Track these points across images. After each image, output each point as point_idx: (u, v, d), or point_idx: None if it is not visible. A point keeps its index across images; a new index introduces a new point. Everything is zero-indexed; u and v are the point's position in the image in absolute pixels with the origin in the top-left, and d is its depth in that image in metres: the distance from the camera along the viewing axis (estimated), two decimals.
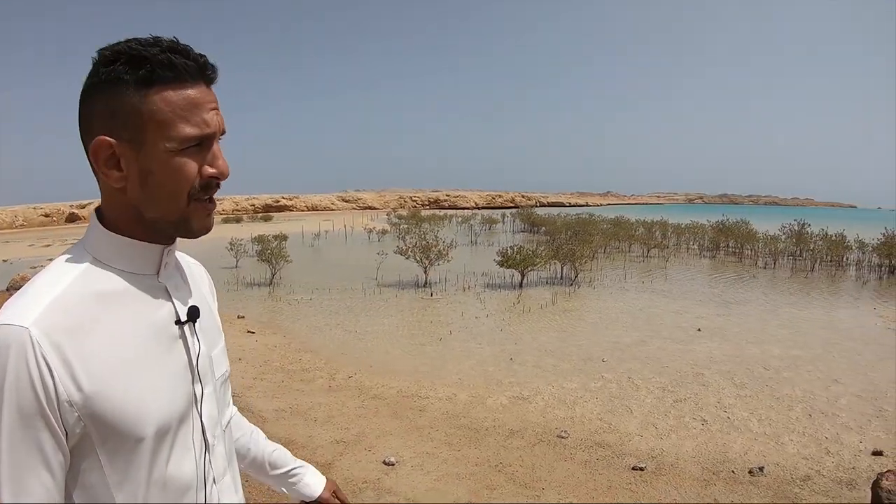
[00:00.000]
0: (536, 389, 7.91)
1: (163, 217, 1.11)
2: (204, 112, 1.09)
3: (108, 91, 1.05)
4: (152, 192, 1.09)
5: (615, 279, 18.73)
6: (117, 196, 1.11)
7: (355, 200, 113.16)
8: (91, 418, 0.99)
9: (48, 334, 0.96)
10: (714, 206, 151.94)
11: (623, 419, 6.88)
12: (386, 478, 5.31)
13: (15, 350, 0.94)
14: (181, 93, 1.07)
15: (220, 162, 1.13)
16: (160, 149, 1.06)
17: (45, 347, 0.95)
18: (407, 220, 46.01)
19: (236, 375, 8.50)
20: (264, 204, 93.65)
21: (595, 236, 25.62)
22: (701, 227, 31.66)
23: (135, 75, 1.04)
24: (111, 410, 1.00)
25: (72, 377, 0.97)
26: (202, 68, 1.10)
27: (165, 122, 1.05)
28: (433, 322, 12.70)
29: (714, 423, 6.77)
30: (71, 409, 0.97)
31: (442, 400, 7.52)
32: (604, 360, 9.38)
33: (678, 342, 10.60)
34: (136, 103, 1.04)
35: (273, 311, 14.22)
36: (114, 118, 1.05)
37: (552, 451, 5.94)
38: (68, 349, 0.98)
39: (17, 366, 0.93)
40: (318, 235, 37.61)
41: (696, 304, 14.64)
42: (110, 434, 1.01)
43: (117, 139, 1.05)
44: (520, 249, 17.86)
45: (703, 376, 8.50)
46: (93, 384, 0.99)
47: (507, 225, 50.79)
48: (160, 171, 1.07)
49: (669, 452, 5.99)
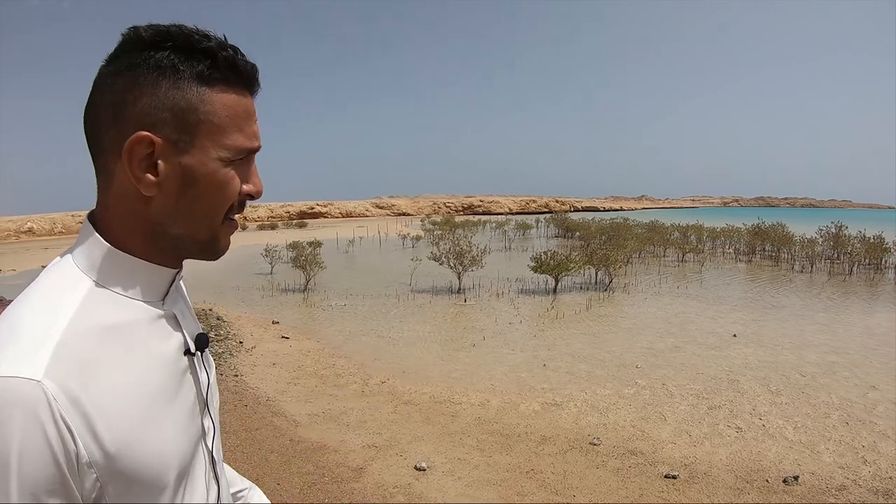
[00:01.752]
0: (569, 396, 7.87)
1: (191, 235, 0.98)
2: (254, 124, 0.99)
3: (157, 79, 0.90)
4: (190, 204, 0.94)
5: (650, 284, 18.57)
6: (134, 205, 0.93)
7: (389, 207, 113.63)
8: (111, 477, 0.85)
9: (64, 387, 0.80)
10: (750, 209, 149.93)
11: (656, 426, 6.81)
12: (417, 483, 5.33)
13: (27, 411, 0.76)
14: (241, 100, 0.96)
15: (257, 179, 1.02)
16: (211, 156, 0.93)
17: (62, 404, 0.79)
18: (440, 226, 46.06)
19: (271, 380, 8.60)
20: (299, 211, 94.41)
21: (629, 241, 25.40)
22: (736, 231, 31.20)
23: (194, 68, 0.91)
24: (135, 464, 0.87)
25: (93, 436, 0.82)
26: (255, 78, 0.99)
27: (222, 128, 0.94)
28: (466, 328, 12.69)
29: (748, 431, 6.68)
30: (90, 472, 0.82)
31: (474, 406, 7.51)
32: (637, 366, 9.30)
33: (713, 348, 10.47)
34: (193, 101, 0.91)
35: (307, 317, 14.32)
36: (160, 112, 0.90)
37: (584, 458, 5.91)
38: (86, 402, 0.82)
39: (29, 432, 0.76)
40: (352, 242, 37.78)
41: (732, 309, 14.43)
42: (130, 489, 0.88)
43: (161, 138, 0.90)
44: (553, 255, 17.78)
45: (739, 383, 8.37)
46: (116, 439, 0.85)
47: (541, 230, 50.65)
48: (206, 181, 0.94)
49: (703, 460, 5.92)
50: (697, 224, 34.77)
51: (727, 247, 31.23)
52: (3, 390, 0.75)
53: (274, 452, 5.92)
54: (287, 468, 5.53)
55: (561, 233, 45.45)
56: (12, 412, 0.75)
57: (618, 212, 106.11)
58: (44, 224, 66.38)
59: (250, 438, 6.25)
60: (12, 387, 0.76)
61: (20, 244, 52.32)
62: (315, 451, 6.02)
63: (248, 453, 5.85)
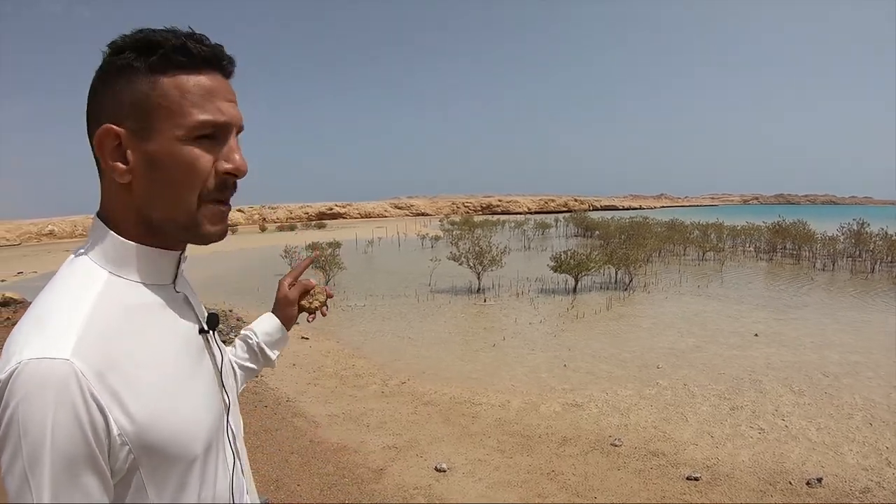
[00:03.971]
0: (590, 396, 7.82)
1: (171, 218, 1.02)
2: (219, 100, 1.02)
3: (117, 80, 0.98)
4: (159, 187, 1.00)
5: (670, 283, 18.43)
6: (122, 196, 1.01)
7: (408, 207, 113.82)
8: (143, 449, 0.92)
9: (92, 365, 0.87)
10: (770, 207, 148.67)
11: (678, 427, 6.75)
12: (437, 484, 5.31)
13: (58, 390, 0.83)
14: (194, 78, 1.00)
15: (236, 156, 1.04)
16: (168, 136, 0.98)
17: (91, 381, 0.86)
18: (459, 226, 46.08)
19: (290, 381, 8.63)
20: (318, 212, 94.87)
21: (649, 240, 25.20)
22: (757, 229, 30.83)
23: (146, 61, 0.97)
24: (165, 435, 0.94)
25: (123, 409, 0.89)
26: (218, 57, 1.03)
27: (176, 109, 0.98)
28: (486, 328, 12.67)
29: (771, 432, 6.59)
30: (122, 445, 0.89)
31: (494, 407, 7.48)
32: (659, 366, 9.23)
33: (735, 348, 10.36)
34: (145, 90, 0.97)
35: (327, 318, 14.25)
36: (121, 107, 0.98)
37: (605, 460, 5.87)
38: (114, 378, 0.90)
39: (61, 408, 0.83)
40: (371, 242, 37.85)
41: (753, 308, 14.27)
42: (162, 461, 0.95)
43: (125, 129, 0.97)
44: (573, 254, 17.69)
45: (761, 383, 8.28)
46: (145, 412, 0.92)
47: (561, 229, 50.46)
48: (168, 161, 0.98)
49: (725, 462, 5.85)
50: (717, 222, 34.48)
51: (748, 245, 30.90)
52: (35, 372, 0.83)
53: (294, 453, 5.92)
54: (307, 469, 5.54)
55: (580, 232, 45.24)
56: (45, 392, 0.82)
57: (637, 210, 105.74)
58: (65, 226, 67.16)
59: (270, 439, 6.26)
60: (43, 368, 0.83)
61: (41, 246, 52.96)
62: (335, 451, 6.02)
63: (268, 454, 5.86)
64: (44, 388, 0.82)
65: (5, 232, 60.52)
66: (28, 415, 0.82)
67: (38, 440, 0.81)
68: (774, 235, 28.48)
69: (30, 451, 0.82)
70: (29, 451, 0.82)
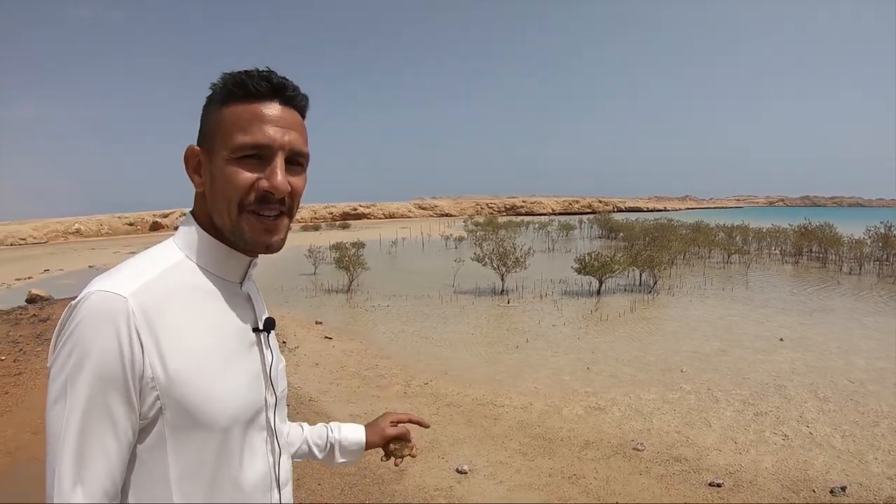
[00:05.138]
0: (613, 400, 7.78)
1: (222, 225, 1.18)
2: (267, 125, 1.15)
3: (206, 110, 1.21)
4: (214, 198, 1.17)
5: (695, 286, 18.25)
6: (201, 201, 1.22)
7: (432, 207, 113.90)
8: (170, 400, 1.04)
9: (144, 309, 1.02)
10: (796, 209, 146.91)
11: (701, 432, 6.69)
12: (458, 486, 5.31)
13: (110, 316, 0.99)
14: (247, 107, 1.15)
15: (275, 177, 1.15)
16: (220, 156, 1.15)
17: (139, 320, 1.01)
18: (483, 227, 46.03)
19: (313, 380, 8.67)
20: (342, 212, 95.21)
21: (674, 242, 25.03)
22: (783, 232, 30.39)
23: (219, 95, 1.17)
24: (191, 396, 1.05)
25: (159, 356, 1.03)
26: (276, 88, 1.17)
27: (227, 132, 1.14)
28: (510, 330, 12.64)
29: (795, 439, 6.51)
30: (152, 389, 1.02)
31: (517, 409, 7.47)
32: (683, 370, 9.15)
33: (759, 352, 10.23)
34: (215, 118, 1.17)
35: (350, 318, 14.44)
36: (203, 132, 1.20)
37: (627, 464, 5.83)
38: (160, 328, 1.04)
39: (109, 332, 0.99)
40: (395, 243, 37.93)
41: (779, 312, 14.08)
42: (184, 421, 1.05)
43: (202, 149, 1.20)
44: (597, 256, 17.64)
45: (785, 388, 8.17)
46: (178, 366, 1.04)
47: (585, 231, 50.33)
48: (218, 177, 1.15)
49: (748, 469, 5.78)
50: (743, 225, 34.15)
51: (773, 248, 30.52)
52: (97, 300, 1.00)
53: None
54: (328, 469, 5.54)
55: (604, 233, 45.05)
56: (100, 316, 0.99)
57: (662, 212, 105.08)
58: (91, 225, 68.00)
59: None
60: (105, 299, 1.00)
61: (68, 245, 53.65)
62: None
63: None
64: (99, 314, 0.99)
65: (32, 230, 61.41)
66: (82, 333, 0.99)
67: (83, 355, 0.98)
68: (800, 238, 27.99)
69: (75, 362, 0.98)
70: (74, 363, 0.98)
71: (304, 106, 1.24)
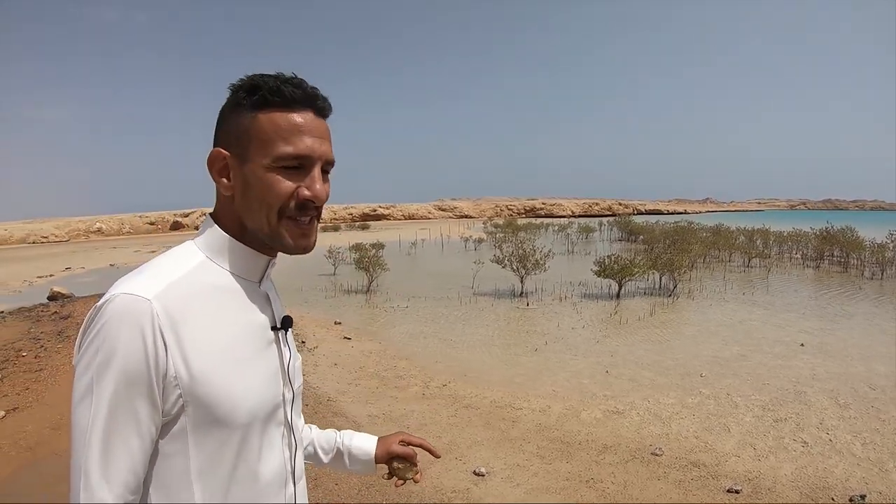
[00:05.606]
0: (632, 404, 7.74)
1: (257, 229, 1.22)
2: (305, 136, 1.19)
3: (230, 113, 1.22)
4: (250, 203, 1.20)
5: (715, 290, 18.10)
6: (227, 204, 1.24)
7: (451, 209, 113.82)
8: (192, 398, 1.08)
9: (167, 310, 1.06)
10: (817, 213, 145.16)
11: (720, 438, 6.64)
12: (475, 488, 5.32)
13: (135, 318, 1.03)
14: (285, 116, 1.18)
15: (316, 186, 1.20)
16: (259, 164, 1.18)
17: (163, 321, 1.05)
18: (503, 229, 45.97)
19: (332, 380, 8.71)
20: (362, 213, 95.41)
21: (694, 245, 24.84)
22: (804, 235, 30.12)
23: (250, 100, 1.18)
24: (212, 393, 1.09)
25: (182, 355, 1.07)
26: (310, 98, 1.21)
27: (266, 140, 1.17)
28: (529, 332, 12.63)
29: (815, 446, 6.44)
30: (175, 387, 1.07)
31: (535, 412, 7.46)
32: (702, 375, 9.09)
33: (780, 357, 10.14)
34: (247, 123, 1.19)
35: (369, 318, 14.48)
36: (229, 135, 1.21)
37: (645, 469, 5.80)
38: (182, 328, 1.08)
39: (134, 333, 1.02)
40: (414, 244, 38.00)
41: (799, 317, 13.93)
42: (205, 417, 1.10)
43: (230, 153, 1.21)
44: (617, 259, 17.57)
45: (805, 395, 8.09)
46: (200, 365, 1.08)
47: (605, 233, 50.08)
48: (256, 184, 1.18)
49: (767, 475, 5.72)
50: (763, 228, 33.84)
51: (794, 252, 30.15)
52: (122, 303, 1.03)
53: None
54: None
55: (624, 236, 44.79)
56: (125, 317, 1.02)
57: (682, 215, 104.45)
58: (112, 224, 68.69)
59: None
60: (129, 301, 1.04)
61: (90, 243, 54.17)
62: None
63: None
64: (125, 315, 1.03)
65: (54, 228, 62.12)
66: (108, 333, 1.02)
67: (109, 355, 1.02)
68: (822, 242, 27.66)
69: (101, 361, 1.02)
70: (100, 362, 1.02)
71: (329, 114, 1.28)
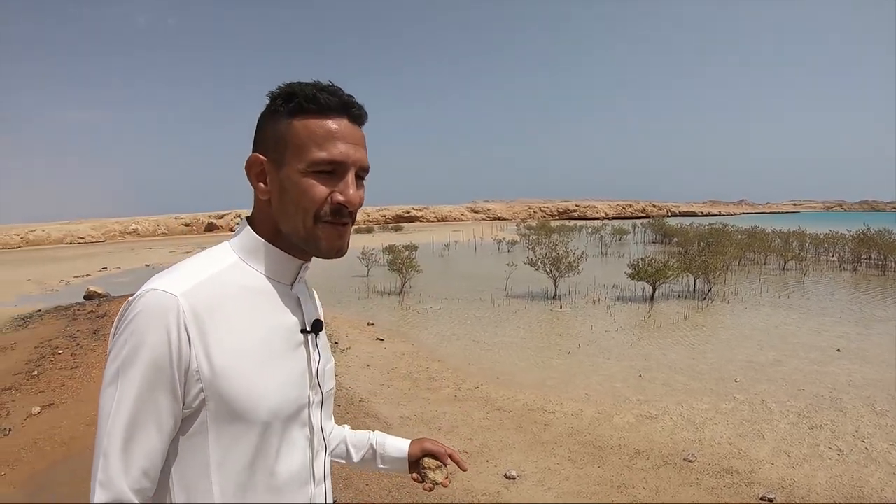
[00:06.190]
0: (665, 409, 7.68)
1: (293, 232, 1.24)
2: (339, 142, 1.22)
3: (269, 119, 1.25)
4: (286, 207, 1.23)
5: (750, 293, 17.84)
6: (264, 207, 1.28)
7: (484, 211, 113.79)
8: (213, 392, 1.12)
9: (193, 307, 1.11)
10: (854, 214, 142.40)
11: (754, 444, 6.55)
12: (506, 491, 5.32)
13: (162, 312, 1.08)
14: (320, 122, 1.21)
15: (349, 191, 1.23)
16: (294, 169, 1.21)
17: (187, 317, 1.10)
18: (536, 231, 45.84)
19: (364, 381, 8.76)
20: (395, 214, 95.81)
21: (729, 247, 24.50)
22: (840, 238, 29.25)
23: (287, 107, 1.22)
24: (233, 390, 1.13)
25: (205, 350, 1.11)
26: (345, 105, 1.24)
27: (301, 146, 1.20)
28: (562, 335, 12.59)
29: (850, 454, 6.32)
30: (197, 381, 1.11)
31: (567, 415, 7.44)
32: (736, 380, 8.98)
33: (815, 363, 9.96)
34: (283, 129, 1.22)
35: (402, 320, 14.56)
36: (267, 140, 1.25)
37: (678, 475, 5.75)
38: (208, 325, 1.12)
39: (160, 327, 1.08)
40: (447, 246, 38.07)
41: (836, 321, 13.64)
42: (225, 412, 1.13)
43: (267, 158, 1.25)
44: (651, 261, 17.42)
45: (842, 401, 7.93)
46: (222, 361, 1.12)
47: (638, 235, 49.68)
48: (292, 189, 1.21)
49: (801, 483, 5.62)
50: (799, 230, 33.27)
51: (830, 254, 29.44)
52: (151, 298, 1.09)
53: None
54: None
55: (658, 238, 44.31)
56: (154, 311, 1.08)
57: (716, 217, 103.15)
58: (148, 225, 69.83)
59: None
60: (158, 297, 1.09)
61: (126, 244, 55.12)
62: None
63: None
64: (154, 308, 1.08)
65: (91, 229, 63.34)
66: (137, 326, 1.08)
67: (137, 346, 1.07)
68: (859, 245, 26.95)
69: (129, 352, 1.08)
70: (128, 352, 1.08)
71: (365, 121, 1.31)
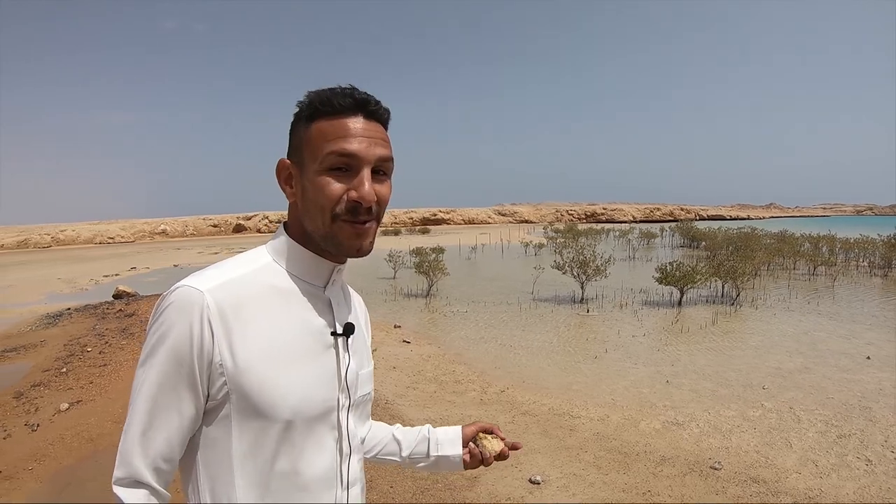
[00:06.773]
0: (691, 415, 7.62)
1: (315, 231, 1.29)
2: (351, 138, 1.25)
3: (294, 126, 1.32)
4: (308, 207, 1.28)
5: (779, 299, 17.59)
6: (294, 210, 1.34)
7: (511, 214, 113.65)
8: (236, 387, 1.17)
9: (219, 304, 1.17)
10: (885, 218, 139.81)
11: (781, 453, 6.48)
12: (530, 496, 5.32)
13: (188, 307, 1.15)
14: (333, 122, 1.26)
15: (362, 188, 1.24)
16: (311, 169, 1.26)
17: (212, 312, 1.16)
18: (563, 234, 45.69)
19: (390, 384, 8.80)
20: (422, 217, 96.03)
21: (758, 252, 24.20)
22: (871, 242, 28.65)
23: (306, 113, 1.28)
24: (255, 385, 1.17)
25: (229, 345, 1.17)
26: (360, 104, 1.27)
27: (316, 147, 1.25)
28: (588, 339, 12.53)
29: (879, 465, 6.21)
30: (220, 374, 1.17)
31: (593, 420, 7.41)
32: (764, 387, 8.88)
33: (845, 371, 9.80)
34: (303, 134, 1.29)
35: (429, 322, 14.58)
36: (291, 146, 1.32)
37: (703, 483, 5.71)
38: (232, 321, 1.18)
39: (185, 320, 1.15)
40: (474, 248, 38.07)
41: (866, 328, 13.40)
42: (249, 407, 1.18)
43: (293, 162, 1.32)
44: (679, 265, 17.26)
45: (871, 410, 7.80)
46: (245, 357, 1.17)
47: (666, 239, 49.23)
48: (310, 188, 1.26)
49: (828, 494, 5.55)
50: (829, 234, 32.71)
51: (861, 260, 28.98)
52: (181, 292, 1.17)
53: None
54: (401, 471, 5.63)
55: (686, 242, 43.82)
56: (181, 305, 1.15)
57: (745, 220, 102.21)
58: (176, 226, 70.74)
59: None
60: (186, 292, 1.16)
61: (154, 245, 55.85)
62: None
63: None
64: (182, 302, 1.15)
65: (120, 230, 64.30)
66: (165, 318, 1.16)
67: (164, 336, 1.16)
68: (890, 250, 26.29)
69: (156, 340, 1.16)
70: (156, 341, 1.17)
71: (386, 119, 1.34)
